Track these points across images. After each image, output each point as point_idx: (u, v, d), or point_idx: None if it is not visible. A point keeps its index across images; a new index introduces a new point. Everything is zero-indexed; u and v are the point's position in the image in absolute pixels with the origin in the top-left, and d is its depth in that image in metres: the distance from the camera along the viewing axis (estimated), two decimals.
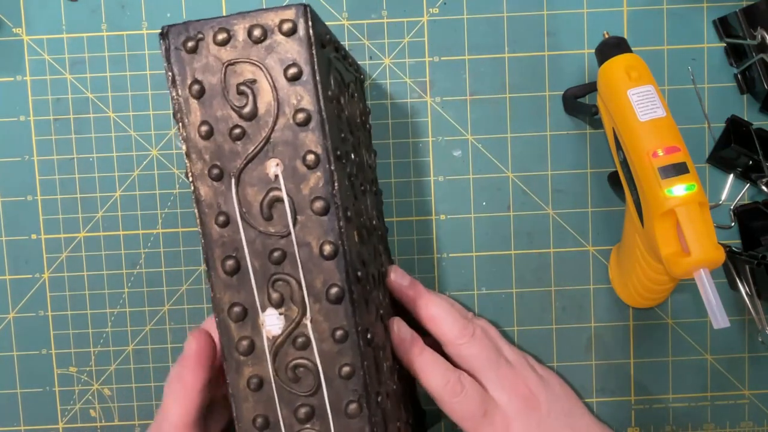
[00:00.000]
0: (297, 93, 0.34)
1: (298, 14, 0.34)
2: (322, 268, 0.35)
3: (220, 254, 0.35)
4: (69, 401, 0.51)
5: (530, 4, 0.49)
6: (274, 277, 0.35)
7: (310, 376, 0.35)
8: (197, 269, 0.50)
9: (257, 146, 0.34)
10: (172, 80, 0.35)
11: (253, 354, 0.35)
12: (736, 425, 0.51)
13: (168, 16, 0.49)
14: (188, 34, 0.34)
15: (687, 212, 0.39)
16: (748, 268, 0.46)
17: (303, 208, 0.34)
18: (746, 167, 0.49)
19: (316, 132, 0.34)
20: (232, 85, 0.34)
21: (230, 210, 0.35)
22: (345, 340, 0.35)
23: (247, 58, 0.34)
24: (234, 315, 0.35)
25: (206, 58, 0.34)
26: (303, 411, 0.35)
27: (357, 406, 0.35)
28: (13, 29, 0.49)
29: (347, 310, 0.35)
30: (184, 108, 0.35)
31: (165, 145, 0.50)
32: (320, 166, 0.34)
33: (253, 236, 0.35)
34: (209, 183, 0.35)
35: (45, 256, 0.50)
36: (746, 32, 0.47)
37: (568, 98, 0.48)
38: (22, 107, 0.49)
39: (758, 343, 0.50)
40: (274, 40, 0.34)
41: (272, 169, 0.35)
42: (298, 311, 0.35)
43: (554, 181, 0.50)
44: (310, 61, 0.34)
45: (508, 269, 0.50)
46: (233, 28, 0.34)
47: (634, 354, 0.51)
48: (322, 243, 0.34)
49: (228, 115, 0.34)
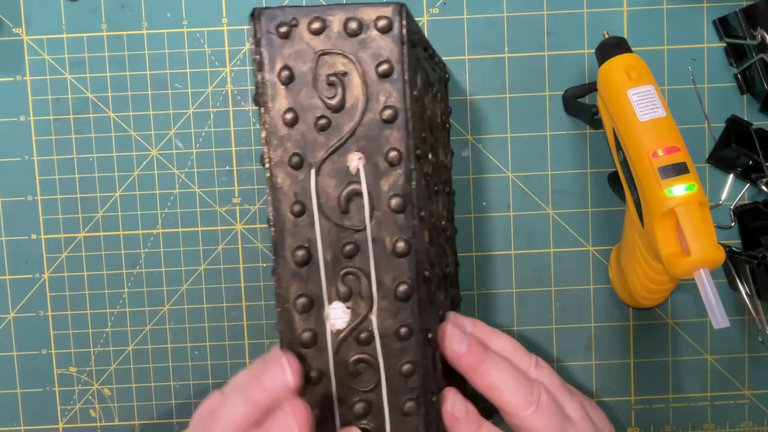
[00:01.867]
0: (386, 90, 0.34)
1: (395, 12, 0.34)
2: (393, 265, 0.35)
3: (291, 244, 0.35)
4: (69, 401, 0.51)
5: (530, 4, 0.49)
6: (344, 271, 0.35)
7: (370, 372, 0.35)
8: (197, 269, 0.50)
9: (341, 139, 0.34)
10: (259, 64, 0.34)
11: (315, 347, 0.35)
12: (736, 425, 0.51)
13: (168, 16, 0.49)
14: (282, 19, 0.34)
15: (687, 212, 0.39)
16: (748, 268, 0.46)
17: (380, 204, 0.35)
18: (746, 167, 0.49)
19: (401, 130, 0.34)
20: (322, 75, 0.34)
21: (307, 200, 0.35)
22: (409, 338, 0.35)
23: (340, 50, 0.34)
24: (299, 306, 0.35)
25: (299, 45, 0.34)
26: (360, 407, 0.35)
27: (414, 405, 0.35)
28: (13, 29, 0.49)
29: (414, 309, 0.35)
30: (270, 93, 0.34)
31: (165, 145, 0.50)
32: (401, 164, 0.34)
33: (327, 228, 0.35)
34: (288, 171, 0.35)
35: (45, 256, 0.50)
36: (746, 32, 0.47)
37: (568, 98, 0.48)
38: (22, 107, 0.49)
39: (758, 343, 0.50)
40: (369, 35, 0.34)
41: (354, 163, 0.35)
42: (365, 306, 0.35)
43: (554, 181, 0.50)
44: (401, 59, 0.34)
45: (508, 269, 0.50)
46: (329, 19, 0.34)
47: (634, 354, 0.51)
48: (395, 240, 0.35)
49: (315, 104, 0.34)
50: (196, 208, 0.50)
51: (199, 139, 0.50)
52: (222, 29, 0.49)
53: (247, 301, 0.50)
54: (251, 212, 0.50)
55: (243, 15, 0.49)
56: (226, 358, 0.50)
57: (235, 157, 0.50)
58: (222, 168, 0.50)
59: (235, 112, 0.50)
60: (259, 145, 0.49)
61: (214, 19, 0.49)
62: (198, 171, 0.50)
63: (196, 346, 0.50)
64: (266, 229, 0.50)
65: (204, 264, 0.50)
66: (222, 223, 0.50)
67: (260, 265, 0.50)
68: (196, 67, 0.49)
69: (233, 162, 0.50)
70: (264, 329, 0.50)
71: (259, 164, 0.49)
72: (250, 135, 0.50)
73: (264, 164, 0.35)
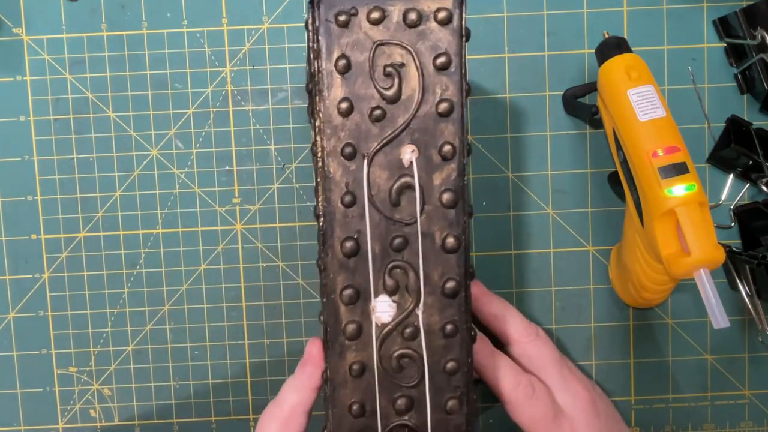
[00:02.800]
0: (443, 83, 0.34)
1: (455, 4, 0.34)
2: (442, 260, 0.35)
3: (340, 234, 0.35)
4: (69, 401, 0.51)
5: (530, 4, 0.49)
6: (392, 264, 0.35)
7: (414, 368, 0.35)
8: (197, 269, 0.50)
9: (396, 130, 0.34)
10: (317, 52, 0.34)
11: (359, 339, 0.35)
12: (736, 425, 0.51)
13: (168, 16, 0.49)
14: (342, 8, 0.34)
15: (687, 212, 0.39)
16: (748, 268, 0.46)
17: (431, 198, 0.35)
18: (746, 167, 0.49)
19: (456, 124, 0.34)
20: (379, 66, 0.34)
21: (358, 191, 0.35)
22: (454, 335, 0.35)
23: (398, 40, 0.34)
24: (345, 298, 0.35)
25: (357, 34, 0.34)
26: (402, 402, 0.35)
27: (457, 403, 0.35)
28: (13, 29, 0.49)
29: (460, 306, 0.35)
30: (326, 81, 0.34)
31: (165, 145, 0.50)
32: (455, 158, 0.34)
33: (377, 220, 0.35)
34: (340, 161, 0.34)
35: (45, 256, 0.50)
36: (746, 32, 0.47)
37: (568, 98, 0.48)
38: (22, 107, 0.49)
39: (758, 343, 0.50)
40: (428, 26, 0.34)
41: (407, 155, 0.35)
42: (411, 301, 0.35)
43: (554, 181, 0.50)
44: (459, 52, 0.34)
45: (508, 269, 0.50)
46: (388, 9, 0.34)
47: (634, 354, 0.51)
48: (445, 235, 0.35)
49: (371, 95, 0.34)
50: (196, 208, 0.50)
51: (199, 139, 0.50)
52: (222, 29, 0.49)
53: (247, 301, 0.50)
54: (251, 212, 0.50)
55: (243, 15, 0.49)
56: (226, 358, 0.50)
57: (235, 157, 0.50)
58: (222, 168, 0.50)
59: (235, 112, 0.50)
60: (259, 145, 0.50)
61: (214, 19, 0.49)
62: (198, 171, 0.50)
63: (196, 346, 0.50)
64: (266, 229, 0.50)
65: (204, 264, 0.50)
66: (222, 223, 0.50)
67: (260, 265, 0.50)
68: (196, 67, 0.49)
69: (233, 162, 0.50)
70: (264, 329, 0.50)
71: (260, 164, 0.49)
72: (250, 135, 0.50)
73: (315, 153, 0.35)
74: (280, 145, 0.49)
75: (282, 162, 0.49)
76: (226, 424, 0.51)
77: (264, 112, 0.49)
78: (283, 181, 0.50)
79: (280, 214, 0.50)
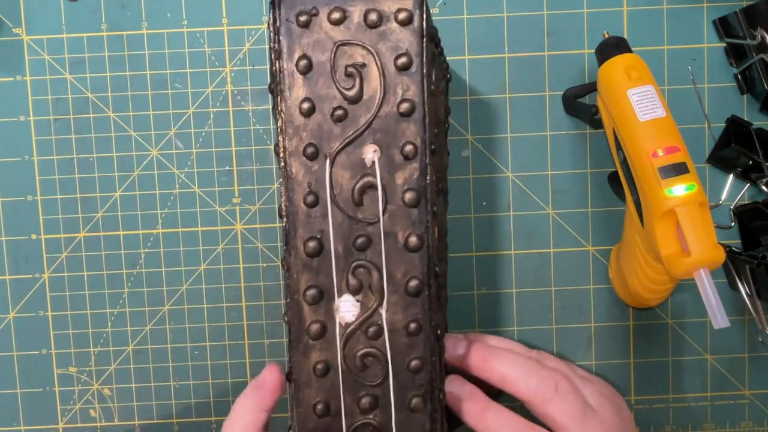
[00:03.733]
0: (404, 83, 0.34)
1: (415, 5, 0.34)
2: (405, 259, 0.35)
3: (303, 234, 0.35)
4: (69, 401, 0.51)
5: (530, 4, 0.49)
6: (355, 264, 0.35)
7: (378, 367, 0.35)
8: (197, 269, 0.50)
9: (358, 130, 0.34)
10: (278, 52, 0.34)
11: (323, 339, 0.35)
12: (736, 425, 0.51)
13: (168, 16, 0.49)
14: (302, 8, 0.34)
15: (687, 212, 0.39)
16: (748, 268, 0.46)
17: (394, 197, 0.35)
18: (746, 167, 0.49)
19: (418, 124, 0.34)
20: (340, 66, 0.34)
21: (320, 191, 0.35)
22: (418, 333, 0.35)
23: (359, 41, 0.34)
24: (309, 297, 0.35)
25: (318, 34, 0.34)
26: (366, 401, 0.35)
27: (421, 401, 0.35)
28: (13, 29, 0.49)
29: (424, 304, 0.35)
30: (287, 81, 0.34)
31: (165, 145, 0.50)
32: (417, 158, 0.34)
33: (340, 220, 0.35)
34: (302, 161, 0.35)
35: (45, 256, 0.50)
36: (746, 32, 0.47)
37: (568, 98, 0.48)
38: (22, 107, 0.49)
39: (758, 343, 0.50)
40: (389, 27, 0.34)
41: (369, 155, 0.35)
42: (374, 300, 0.35)
43: (554, 181, 0.50)
44: (421, 52, 0.34)
45: (508, 269, 0.50)
46: (349, 9, 0.34)
47: (634, 354, 0.51)
48: (408, 235, 0.35)
49: (333, 95, 0.34)
50: (196, 208, 0.50)
51: (199, 139, 0.50)
52: (222, 29, 0.49)
53: (247, 301, 0.50)
54: (251, 212, 0.50)
55: (243, 15, 0.49)
56: (226, 358, 0.50)
57: (235, 157, 0.50)
58: (222, 168, 0.50)
59: (235, 112, 0.50)
60: (259, 145, 0.50)
61: (214, 19, 0.49)
62: (198, 171, 0.50)
63: (196, 346, 0.50)
64: (266, 229, 0.50)
65: (204, 264, 0.50)
66: (222, 223, 0.50)
67: (260, 265, 0.50)
68: (196, 67, 0.49)
69: (233, 162, 0.50)
70: (264, 329, 0.50)
71: (260, 164, 0.49)
72: (250, 135, 0.50)
73: (278, 153, 0.35)
74: None
75: None
76: None
77: (264, 112, 0.49)
78: None
79: None
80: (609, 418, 0.42)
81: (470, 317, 0.50)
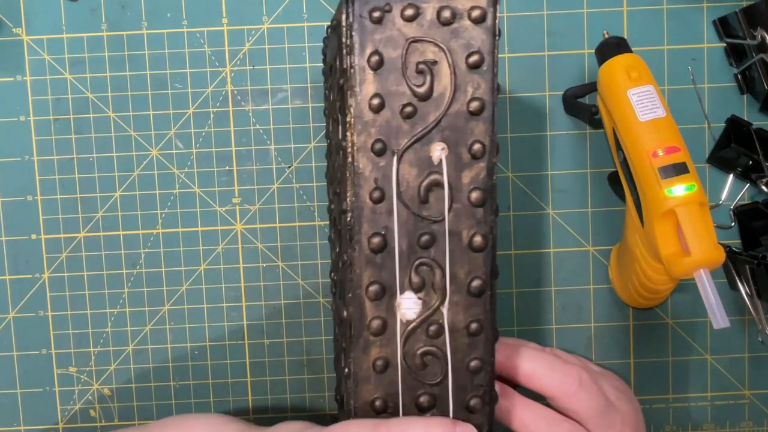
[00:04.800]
0: (475, 81, 0.34)
1: (489, 3, 0.34)
2: (469, 259, 0.35)
3: (368, 230, 0.35)
4: (69, 401, 0.51)
5: (530, 4, 0.49)
6: (419, 261, 0.35)
7: (437, 365, 0.35)
8: (197, 269, 0.50)
9: (426, 127, 0.34)
10: (349, 48, 0.34)
11: (384, 335, 0.35)
12: (736, 425, 0.51)
13: (168, 16, 0.49)
14: (376, 4, 0.34)
15: (687, 212, 0.39)
16: (748, 268, 0.46)
17: (460, 196, 0.35)
18: (746, 167, 0.49)
19: (487, 123, 0.34)
20: (411, 63, 0.34)
21: (387, 187, 0.35)
22: (479, 334, 0.35)
23: (432, 38, 0.34)
24: (371, 293, 0.35)
25: (390, 31, 0.34)
26: (424, 399, 0.35)
27: (480, 402, 0.35)
28: (13, 29, 0.49)
29: (486, 305, 0.35)
30: (358, 77, 0.34)
31: (165, 145, 0.50)
32: (484, 157, 0.34)
33: (405, 217, 0.35)
34: (370, 156, 0.34)
35: (45, 256, 0.50)
36: (746, 32, 0.47)
37: (568, 98, 0.48)
38: (22, 107, 0.49)
39: (758, 343, 0.50)
40: (461, 24, 0.34)
41: (437, 153, 0.35)
42: (436, 298, 0.35)
43: (554, 181, 0.50)
44: (492, 51, 0.34)
45: (508, 269, 0.50)
46: (422, 6, 0.34)
47: (634, 354, 0.51)
48: (473, 234, 0.35)
49: (403, 91, 0.34)
50: (196, 208, 0.50)
51: (199, 139, 0.50)
52: (222, 29, 0.49)
53: (247, 301, 0.50)
54: (251, 212, 0.50)
55: (243, 15, 0.49)
56: (226, 358, 0.50)
57: (235, 157, 0.50)
58: (222, 168, 0.50)
59: (235, 112, 0.50)
60: (259, 145, 0.50)
61: (214, 19, 0.49)
62: (198, 171, 0.50)
63: (196, 346, 0.50)
64: (266, 229, 0.50)
65: (204, 264, 0.50)
66: (222, 223, 0.50)
67: (260, 265, 0.50)
68: (196, 67, 0.49)
69: (233, 162, 0.50)
70: (264, 329, 0.50)
71: (260, 164, 0.49)
72: (250, 135, 0.50)
73: (345, 149, 0.35)
74: (280, 145, 0.49)
75: (282, 161, 0.49)
76: None
77: (264, 112, 0.49)
78: (283, 181, 0.50)
79: (280, 214, 0.50)
80: (627, 412, 0.42)
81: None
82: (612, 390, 0.43)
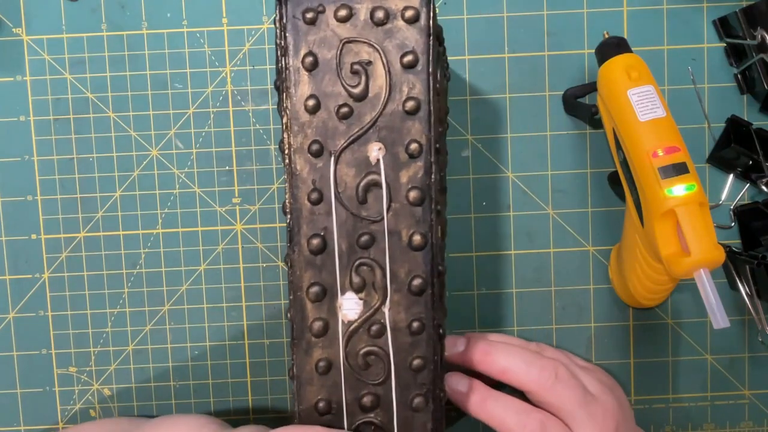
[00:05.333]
0: (410, 81, 0.34)
1: (422, 3, 0.34)
2: (408, 258, 0.35)
3: (307, 231, 0.35)
4: (69, 401, 0.51)
5: (530, 4, 0.49)
6: (359, 262, 0.35)
7: (380, 365, 0.35)
8: (197, 269, 0.50)
9: (363, 128, 0.35)
10: (284, 49, 0.34)
11: (326, 336, 0.35)
12: (736, 425, 0.51)
13: (168, 16, 0.49)
14: (309, 5, 0.34)
15: (687, 212, 0.39)
16: (748, 268, 0.46)
17: (398, 196, 0.35)
18: (746, 167, 0.49)
19: (423, 122, 0.34)
20: (346, 63, 0.34)
21: (325, 188, 0.35)
22: (421, 332, 0.35)
23: (366, 38, 0.34)
24: (312, 295, 0.35)
25: (324, 31, 0.34)
26: (368, 399, 0.35)
27: (423, 400, 0.35)
28: (13, 29, 0.49)
29: (427, 303, 0.35)
30: (293, 78, 0.34)
31: (165, 145, 0.50)
32: (422, 156, 0.34)
33: (344, 217, 0.35)
34: (307, 158, 0.35)
35: (45, 256, 0.50)
36: (746, 32, 0.47)
37: (568, 98, 0.48)
38: (22, 107, 0.49)
39: (758, 343, 0.50)
40: (395, 25, 0.34)
41: (374, 153, 0.35)
42: (377, 298, 0.35)
43: (554, 181, 0.50)
44: (427, 51, 0.34)
45: (508, 269, 0.50)
46: (356, 7, 0.34)
47: (634, 354, 0.51)
48: (412, 233, 0.35)
49: (338, 92, 0.34)
50: (196, 208, 0.50)
51: (199, 139, 0.50)
52: (222, 29, 0.49)
53: (247, 301, 0.50)
54: (251, 212, 0.50)
55: (243, 15, 0.49)
56: (226, 358, 0.50)
57: (235, 157, 0.50)
58: (222, 168, 0.50)
59: (235, 112, 0.50)
60: (259, 145, 0.50)
61: (214, 19, 0.49)
62: (198, 171, 0.50)
63: (196, 346, 0.50)
64: (266, 229, 0.50)
65: (204, 264, 0.50)
66: (222, 223, 0.50)
67: (260, 265, 0.50)
68: (196, 67, 0.49)
69: (233, 162, 0.50)
70: (264, 329, 0.50)
71: (260, 164, 0.49)
72: (250, 135, 0.50)
73: (283, 150, 0.35)
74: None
75: (281, 161, 0.49)
76: None
77: (264, 112, 0.49)
78: (283, 181, 0.50)
79: (280, 214, 0.50)
80: (609, 404, 0.42)
81: (470, 317, 0.50)
82: (595, 383, 0.43)
